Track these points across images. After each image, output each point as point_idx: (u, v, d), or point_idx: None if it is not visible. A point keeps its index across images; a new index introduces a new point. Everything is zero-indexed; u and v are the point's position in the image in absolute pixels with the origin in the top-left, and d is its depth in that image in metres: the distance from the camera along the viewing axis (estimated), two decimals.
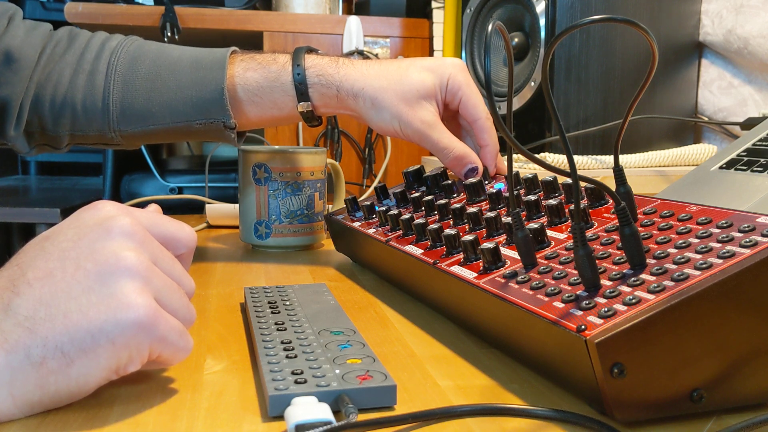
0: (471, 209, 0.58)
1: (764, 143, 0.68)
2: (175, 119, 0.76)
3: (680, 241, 0.43)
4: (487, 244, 0.50)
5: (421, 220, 0.62)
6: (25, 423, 0.38)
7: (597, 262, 0.42)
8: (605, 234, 0.48)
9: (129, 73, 0.76)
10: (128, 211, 0.43)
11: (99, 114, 0.76)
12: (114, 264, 0.39)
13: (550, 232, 0.52)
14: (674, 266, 0.40)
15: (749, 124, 0.88)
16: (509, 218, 0.52)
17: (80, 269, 0.39)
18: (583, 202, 0.53)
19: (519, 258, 0.49)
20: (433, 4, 1.38)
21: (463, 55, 1.13)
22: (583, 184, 0.51)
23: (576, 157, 0.91)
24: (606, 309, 0.38)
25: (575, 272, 0.44)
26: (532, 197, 0.56)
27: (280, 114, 0.77)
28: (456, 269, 0.53)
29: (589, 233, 0.49)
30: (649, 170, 0.94)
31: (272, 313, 0.53)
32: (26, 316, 0.37)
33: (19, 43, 0.75)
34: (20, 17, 0.77)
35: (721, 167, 0.68)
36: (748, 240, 0.40)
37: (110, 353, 0.38)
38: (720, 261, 0.39)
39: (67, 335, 0.37)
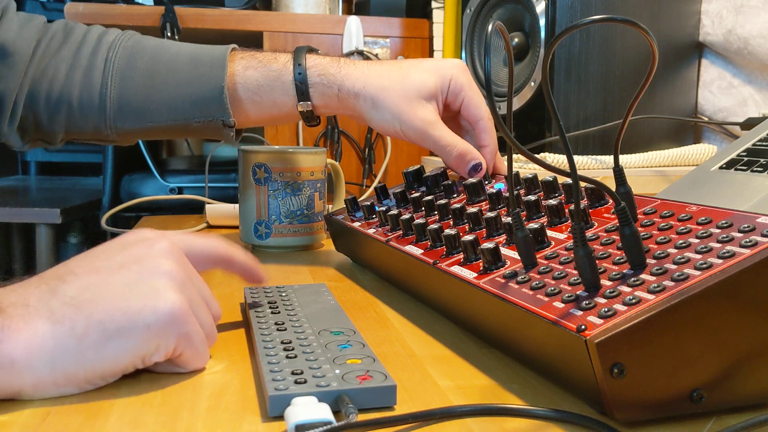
0: (471, 209, 0.58)
1: (764, 143, 0.68)
2: (173, 117, 0.75)
3: (680, 241, 0.43)
4: (487, 244, 0.50)
5: (421, 220, 0.62)
6: (25, 423, 0.38)
7: (597, 262, 0.42)
8: (605, 234, 0.48)
9: (127, 69, 0.75)
10: (165, 234, 0.47)
11: (95, 111, 0.75)
12: (155, 268, 0.43)
13: (550, 232, 0.52)
14: (674, 266, 0.40)
15: (749, 124, 0.88)
16: (509, 218, 0.52)
17: (124, 269, 0.43)
18: (583, 202, 0.53)
19: (519, 258, 0.49)
20: (433, 4, 1.38)
21: (463, 55, 1.13)
22: (583, 184, 0.51)
23: (576, 157, 0.91)
24: (606, 309, 0.38)
25: (575, 272, 0.44)
26: (532, 197, 0.56)
27: (279, 113, 0.77)
28: (456, 269, 0.53)
29: (589, 233, 0.49)
30: (649, 170, 0.94)
31: (272, 313, 0.53)
32: (72, 296, 0.41)
33: (13, 37, 0.73)
34: (14, 10, 0.76)
35: (721, 167, 0.68)
36: (748, 240, 0.40)
37: (144, 337, 0.41)
38: (720, 261, 0.39)
39: (108, 314, 0.40)
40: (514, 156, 0.91)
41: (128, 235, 0.47)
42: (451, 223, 0.62)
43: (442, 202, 0.64)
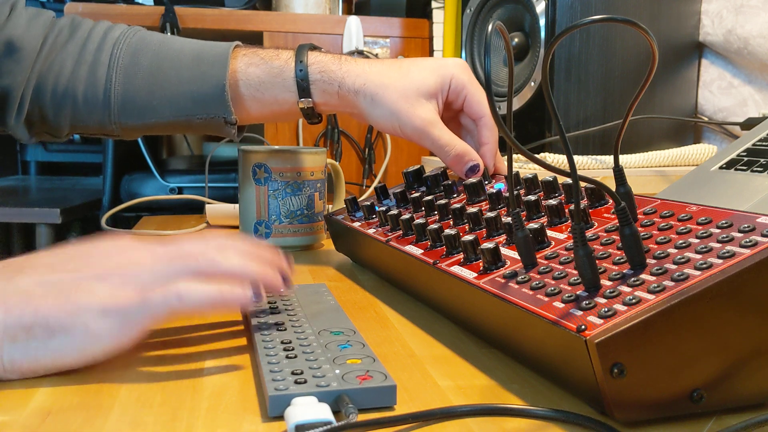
0: (471, 209, 0.58)
1: (764, 143, 0.68)
2: (175, 113, 0.76)
3: (680, 241, 0.43)
4: (487, 244, 0.50)
5: (421, 220, 0.62)
6: (25, 423, 0.38)
7: (597, 262, 0.42)
8: (605, 234, 0.48)
9: (131, 65, 0.76)
10: (140, 241, 0.49)
11: (100, 106, 0.76)
12: (106, 271, 0.45)
13: (550, 232, 0.52)
14: (674, 266, 0.40)
15: (749, 124, 0.88)
16: (509, 218, 0.52)
17: (75, 271, 0.45)
18: (583, 202, 0.53)
19: (519, 258, 0.49)
20: (433, 4, 1.38)
21: (463, 55, 1.13)
22: (583, 184, 0.51)
23: (576, 157, 0.91)
24: (606, 309, 0.38)
25: (575, 272, 0.44)
26: (532, 197, 0.56)
27: (281, 110, 0.77)
28: (456, 269, 0.53)
29: (589, 233, 0.49)
30: (649, 170, 0.94)
31: (272, 313, 0.53)
32: (26, 289, 0.43)
33: (22, 33, 0.74)
34: (22, 5, 0.77)
35: (721, 167, 0.68)
36: (748, 240, 0.40)
37: (84, 335, 0.43)
38: (720, 261, 0.39)
39: (53, 311, 0.43)
40: (514, 156, 0.91)
41: (100, 241, 0.49)
42: (451, 223, 0.61)
43: (442, 202, 0.64)
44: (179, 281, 0.45)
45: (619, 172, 0.48)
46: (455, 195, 0.69)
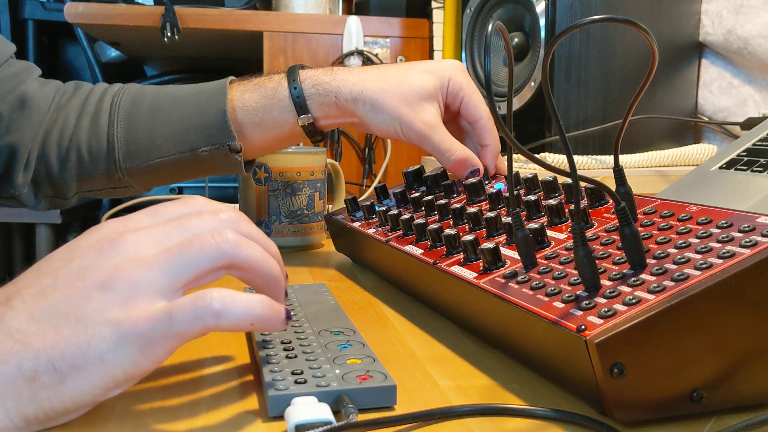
0: (471, 209, 0.58)
1: (764, 143, 0.68)
2: (179, 149, 0.75)
3: (680, 241, 0.43)
4: (487, 244, 0.50)
5: (421, 220, 0.62)
6: None
7: (597, 262, 0.42)
8: (605, 234, 0.48)
9: (131, 109, 0.77)
10: (125, 221, 0.42)
11: (104, 154, 0.76)
12: (101, 282, 0.38)
13: (550, 232, 0.52)
14: (674, 266, 0.40)
15: (749, 124, 0.88)
16: (509, 218, 0.52)
17: (70, 287, 0.38)
18: (583, 202, 0.53)
19: (519, 258, 0.49)
20: (433, 4, 1.38)
21: (463, 55, 1.13)
22: (583, 184, 0.51)
23: (576, 157, 0.91)
24: (606, 309, 0.38)
25: (575, 272, 0.44)
26: (532, 197, 0.56)
27: (282, 132, 0.76)
28: (456, 269, 0.53)
29: (589, 233, 0.49)
30: (649, 170, 0.94)
31: None
32: (18, 328, 0.37)
33: (34, 92, 0.77)
34: (38, 73, 0.80)
35: (721, 167, 0.68)
36: (748, 240, 0.40)
37: (102, 371, 0.37)
38: (720, 261, 0.39)
39: (58, 350, 0.36)
40: (514, 156, 0.91)
41: (84, 234, 0.41)
42: (451, 223, 0.62)
43: (442, 202, 0.64)
44: (208, 287, 0.38)
45: (619, 172, 0.48)
46: (455, 195, 0.69)
